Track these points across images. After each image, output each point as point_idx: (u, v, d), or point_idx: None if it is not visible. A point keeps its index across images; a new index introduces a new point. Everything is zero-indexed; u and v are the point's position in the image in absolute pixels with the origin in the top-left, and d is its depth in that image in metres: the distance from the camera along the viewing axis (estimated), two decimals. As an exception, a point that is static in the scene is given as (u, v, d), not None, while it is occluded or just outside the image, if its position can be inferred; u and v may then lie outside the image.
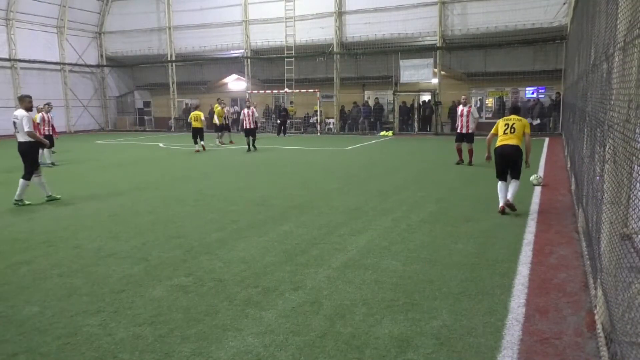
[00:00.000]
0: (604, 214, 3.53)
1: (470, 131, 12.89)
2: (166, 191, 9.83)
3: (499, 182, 7.51)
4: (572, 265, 5.05)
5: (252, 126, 17.44)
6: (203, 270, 5.07)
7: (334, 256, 5.47)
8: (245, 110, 17.60)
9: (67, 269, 5.20)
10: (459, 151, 12.97)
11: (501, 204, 7.39)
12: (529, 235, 6.15)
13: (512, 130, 7.44)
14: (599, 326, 3.52)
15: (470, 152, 12.71)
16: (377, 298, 4.27)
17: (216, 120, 20.73)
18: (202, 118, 18.23)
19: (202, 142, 18.07)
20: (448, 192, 9.14)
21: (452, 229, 6.55)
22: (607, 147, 3.57)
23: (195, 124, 18.08)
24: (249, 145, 17.55)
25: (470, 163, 12.69)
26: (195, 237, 6.37)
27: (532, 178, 9.48)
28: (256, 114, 18.16)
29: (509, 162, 7.38)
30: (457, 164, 12.86)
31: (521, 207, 7.70)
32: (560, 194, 8.74)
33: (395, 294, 4.35)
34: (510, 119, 7.57)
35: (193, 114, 18.39)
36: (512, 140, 7.37)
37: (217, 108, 20.84)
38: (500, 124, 7.62)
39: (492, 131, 7.78)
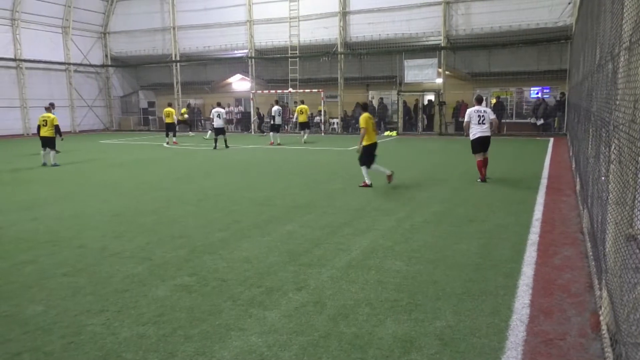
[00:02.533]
0: (609, 214, 3.51)
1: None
2: (170, 191, 9.85)
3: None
4: (577, 266, 5.03)
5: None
6: (206, 270, 5.08)
7: (337, 256, 5.46)
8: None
9: (71, 268, 5.22)
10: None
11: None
12: (533, 236, 6.12)
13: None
14: (603, 327, 3.50)
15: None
16: (381, 298, 4.27)
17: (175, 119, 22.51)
18: (174, 115, 21.42)
19: (174, 138, 20.96)
20: (451, 193, 9.12)
21: (456, 229, 6.53)
22: (613, 147, 3.55)
23: (167, 120, 20.91)
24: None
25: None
26: (199, 236, 6.37)
27: None
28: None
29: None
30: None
31: (525, 207, 7.68)
32: (565, 195, 8.71)
33: (398, 294, 4.34)
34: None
35: (165, 110, 21.17)
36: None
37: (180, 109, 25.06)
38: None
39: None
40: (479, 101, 10.56)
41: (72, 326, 3.84)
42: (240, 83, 31.13)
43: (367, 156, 9.88)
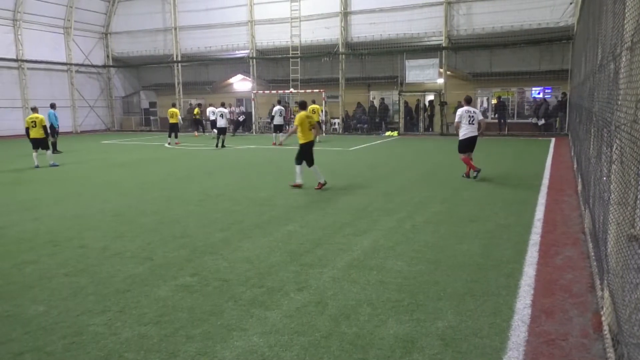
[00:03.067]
0: (610, 214, 3.51)
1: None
2: (171, 191, 9.86)
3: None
4: (579, 266, 5.02)
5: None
6: (208, 270, 5.08)
7: (338, 256, 5.46)
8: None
9: (73, 268, 5.22)
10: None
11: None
12: (535, 236, 6.12)
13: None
14: (605, 328, 3.49)
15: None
16: (382, 298, 4.26)
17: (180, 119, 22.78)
18: (179, 115, 21.65)
19: (176, 139, 20.93)
20: (453, 193, 9.11)
21: (457, 229, 6.53)
22: (614, 147, 3.55)
23: (171, 120, 21.04)
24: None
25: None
26: (200, 237, 6.38)
27: None
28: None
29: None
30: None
31: (527, 208, 7.67)
32: (567, 195, 8.70)
33: (400, 295, 4.34)
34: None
35: (170, 110, 21.28)
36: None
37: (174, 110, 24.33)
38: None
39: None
40: (468, 101, 10.75)
41: (74, 326, 3.84)
42: (241, 83, 31.14)
43: (303, 154, 9.88)
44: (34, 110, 14.70)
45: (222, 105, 20.76)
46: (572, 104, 19.30)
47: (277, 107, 21.68)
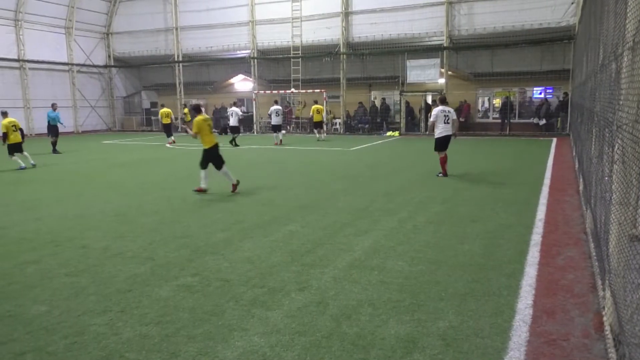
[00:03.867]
0: (612, 214, 3.50)
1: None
2: (172, 191, 9.86)
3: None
4: (580, 266, 5.02)
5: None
6: (209, 270, 5.08)
7: (339, 256, 5.46)
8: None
9: (74, 268, 5.23)
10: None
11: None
12: (536, 236, 6.11)
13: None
14: (607, 328, 3.49)
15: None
16: (383, 298, 4.26)
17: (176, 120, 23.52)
18: (172, 115, 22.19)
19: (171, 137, 21.21)
20: (453, 193, 9.11)
21: (458, 229, 6.52)
22: (616, 147, 3.54)
23: (164, 121, 21.53)
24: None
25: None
26: (201, 237, 6.38)
27: None
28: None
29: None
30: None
31: (528, 208, 7.66)
32: (568, 195, 8.69)
33: (401, 295, 4.34)
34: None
35: (162, 111, 21.78)
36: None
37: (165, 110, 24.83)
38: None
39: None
40: (443, 101, 11.12)
41: (75, 326, 3.84)
42: (242, 83, 31.15)
43: (209, 159, 9.56)
44: (4, 114, 14.20)
45: (235, 104, 21.25)
46: (573, 103, 19.27)
47: (274, 107, 21.78)
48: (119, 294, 4.49)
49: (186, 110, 26.71)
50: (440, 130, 10.82)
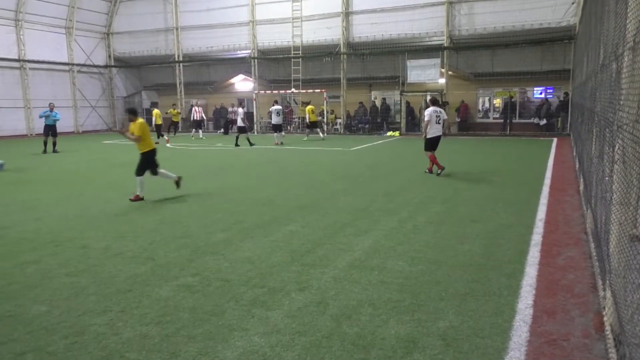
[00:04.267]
0: (613, 214, 3.50)
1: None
2: (172, 191, 9.85)
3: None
4: (580, 266, 5.01)
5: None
6: (209, 270, 5.08)
7: (339, 256, 5.46)
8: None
9: (74, 268, 5.23)
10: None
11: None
12: (537, 236, 6.11)
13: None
14: (607, 328, 3.49)
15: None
16: (383, 298, 4.26)
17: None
18: (161, 117, 23.14)
19: (157, 139, 21.12)
20: (454, 193, 9.10)
21: (459, 229, 6.52)
22: (617, 147, 3.54)
23: (157, 122, 22.44)
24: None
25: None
26: (201, 237, 6.38)
27: None
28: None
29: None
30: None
31: (528, 208, 7.66)
32: (569, 195, 8.68)
33: (401, 295, 4.33)
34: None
35: (155, 112, 22.90)
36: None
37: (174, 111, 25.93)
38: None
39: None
40: (434, 102, 11.56)
41: (76, 326, 3.84)
42: (243, 83, 31.16)
43: (146, 164, 9.06)
44: None
45: (240, 105, 21.70)
46: (574, 104, 19.26)
47: (274, 107, 21.89)
48: (119, 294, 4.49)
49: (173, 111, 25.91)
50: (434, 130, 11.26)
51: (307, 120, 23.41)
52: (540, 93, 24.77)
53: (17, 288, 4.70)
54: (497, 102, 25.86)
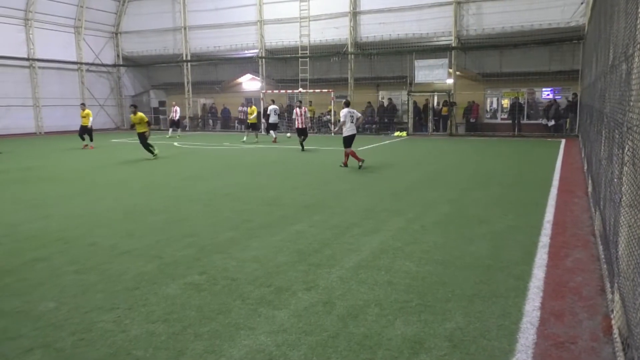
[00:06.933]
0: (622, 217, 3.47)
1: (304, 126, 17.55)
2: (179, 190, 9.90)
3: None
4: (589, 268, 4.98)
5: (303, 126, 17.94)
6: (216, 269, 5.10)
7: (346, 256, 5.46)
8: (297, 109, 18.21)
9: (82, 266, 5.26)
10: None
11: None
12: (545, 238, 6.07)
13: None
14: (615, 331, 3.46)
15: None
16: (390, 299, 4.25)
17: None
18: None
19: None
20: (461, 194, 9.07)
21: (466, 230, 6.50)
22: (626, 149, 3.51)
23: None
24: (301, 144, 17.91)
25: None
26: (209, 236, 6.40)
27: None
28: (307, 114, 19.36)
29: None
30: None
31: (536, 209, 7.62)
32: (577, 197, 8.63)
33: (408, 295, 4.33)
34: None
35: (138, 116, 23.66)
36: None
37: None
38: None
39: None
40: (348, 104, 13.23)
41: (83, 323, 3.87)
42: (250, 83, 31.23)
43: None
44: None
45: (272, 102, 22.95)
46: (582, 104, 19.14)
47: (272, 107, 22.24)
48: (127, 291, 4.52)
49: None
50: (350, 129, 12.74)
51: (248, 121, 22.59)
52: (549, 94, 24.63)
53: (25, 285, 4.73)
54: (505, 102, 25.73)
